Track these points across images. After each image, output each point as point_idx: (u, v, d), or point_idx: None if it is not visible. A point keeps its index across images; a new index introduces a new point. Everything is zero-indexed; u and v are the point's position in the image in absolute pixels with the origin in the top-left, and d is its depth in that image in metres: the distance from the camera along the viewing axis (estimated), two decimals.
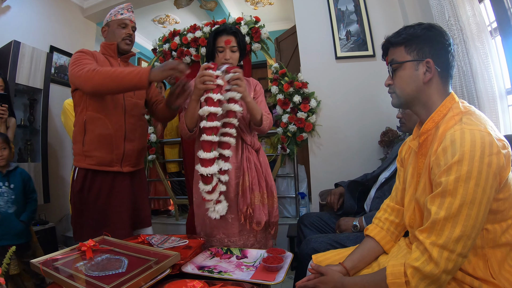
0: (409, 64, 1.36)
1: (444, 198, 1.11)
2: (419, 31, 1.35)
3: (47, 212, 4.09)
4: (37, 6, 4.43)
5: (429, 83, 1.34)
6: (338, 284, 1.36)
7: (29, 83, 3.89)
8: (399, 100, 1.43)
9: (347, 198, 2.47)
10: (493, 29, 2.56)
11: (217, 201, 2.15)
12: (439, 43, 1.33)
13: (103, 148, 2.33)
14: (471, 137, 1.10)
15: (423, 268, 1.08)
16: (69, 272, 1.48)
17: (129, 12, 2.50)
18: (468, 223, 1.06)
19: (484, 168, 1.06)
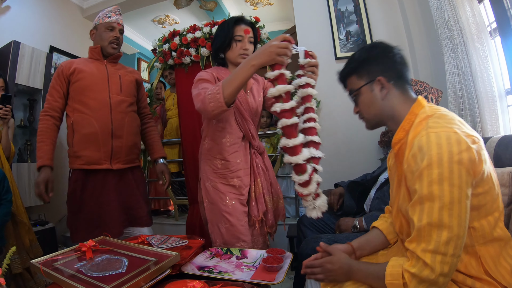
0: (364, 88, 1.43)
1: (423, 204, 1.11)
2: (363, 55, 1.44)
3: (47, 213, 4.10)
4: (37, 6, 4.44)
5: (388, 98, 1.39)
6: (345, 265, 1.37)
7: (28, 83, 3.90)
8: (369, 123, 1.51)
9: (346, 199, 2.47)
10: (493, 29, 2.57)
11: (315, 195, 1.83)
12: (383, 58, 1.40)
13: (90, 147, 2.39)
14: (436, 139, 1.11)
15: (420, 274, 1.09)
16: (69, 273, 1.48)
17: (116, 15, 2.57)
18: (453, 223, 1.06)
19: (455, 167, 1.07)
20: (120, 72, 2.60)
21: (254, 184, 2.25)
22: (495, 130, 2.34)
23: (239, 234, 2.13)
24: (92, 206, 2.40)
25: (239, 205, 2.18)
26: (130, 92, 2.62)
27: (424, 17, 3.32)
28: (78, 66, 2.45)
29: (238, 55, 2.18)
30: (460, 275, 1.19)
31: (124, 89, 2.57)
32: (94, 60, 2.53)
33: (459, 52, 2.47)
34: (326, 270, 1.40)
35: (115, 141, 2.44)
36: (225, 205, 2.15)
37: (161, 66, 4.31)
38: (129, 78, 2.64)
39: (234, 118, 2.19)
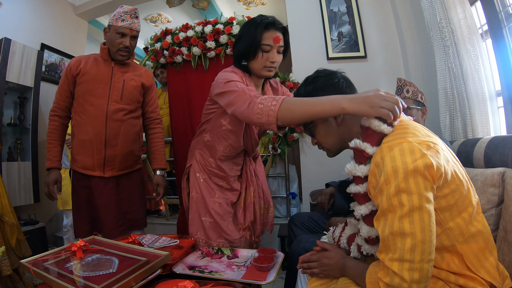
0: (317, 120, 1.45)
1: (386, 216, 1.12)
2: (309, 88, 1.47)
3: (37, 212, 4.07)
4: (28, 3, 4.40)
5: (343, 123, 1.42)
6: (340, 261, 1.39)
7: (19, 81, 3.86)
8: (331, 152, 1.58)
9: (337, 198, 2.47)
10: (484, 31, 2.58)
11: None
12: (329, 87, 1.43)
13: (84, 153, 2.43)
14: (390, 154, 1.12)
15: (391, 283, 1.08)
16: (59, 273, 1.47)
17: (131, 19, 2.42)
18: (415, 229, 1.06)
19: (410, 176, 1.07)
20: (126, 76, 2.52)
21: (246, 192, 2.25)
22: (486, 131, 2.36)
23: (221, 232, 2.15)
24: (90, 205, 2.45)
25: (225, 205, 2.19)
26: (132, 99, 2.55)
27: (416, 18, 3.33)
28: (84, 68, 2.42)
29: (263, 67, 1.92)
30: (443, 272, 1.20)
31: (125, 96, 2.50)
32: (103, 60, 2.49)
33: (451, 54, 2.48)
34: (323, 264, 1.42)
35: (108, 150, 2.43)
36: (213, 201, 2.16)
37: (153, 64, 4.30)
38: (134, 83, 2.55)
39: (243, 134, 2.08)
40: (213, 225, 2.14)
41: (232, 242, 2.16)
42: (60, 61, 4.81)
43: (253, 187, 2.27)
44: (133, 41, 2.48)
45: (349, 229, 1.54)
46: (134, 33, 2.44)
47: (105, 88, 2.43)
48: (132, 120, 2.56)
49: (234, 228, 2.19)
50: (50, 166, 2.43)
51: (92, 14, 5.39)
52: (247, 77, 1.97)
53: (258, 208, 2.30)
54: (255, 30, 1.85)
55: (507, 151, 1.68)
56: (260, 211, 2.32)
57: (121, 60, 2.48)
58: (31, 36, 4.38)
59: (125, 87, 2.50)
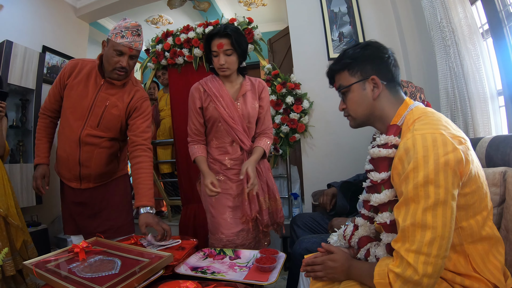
0: (356, 85, 1.42)
1: (408, 205, 1.12)
2: (358, 53, 1.41)
3: (39, 214, 4.07)
4: (29, 5, 4.40)
5: (379, 98, 1.39)
6: (346, 263, 1.38)
7: (21, 83, 3.87)
8: (355, 121, 1.52)
9: (339, 199, 2.47)
10: (485, 31, 2.58)
11: None
12: (378, 59, 1.39)
13: (62, 166, 2.45)
14: (422, 142, 1.11)
15: (403, 274, 1.08)
16: (62, 274, 1.48)
17: (132, 36, 2.18)
18: (437, 224, 1.06)
19: (440, 168, 1.07)
20: (110, 102, 2.34)
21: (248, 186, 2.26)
22: (487, 131, 2.36)
23: (218, 226, 2.29)
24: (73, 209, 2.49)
25: (223, 199, 2.31)
26: (110, 127, 2.38)
27: (416, 18, 3.33)
28: (73, 80, 2.31)
29: (218, 69, 2.29)
30: (449, 273, 1.20)
31: (103, 124, 2.34)
32: (93, 76, 2.32)
33: (451, 54, 2.48)
34: (327, 267, 1.40)
35: (83, 169, 2.38)
36: (209, 197, 2.30)
37: (154, 66, 4.30)
38: (116, 111, 2.36)
39: (220, 124, 2.33)
40: (212, 220, 2.35)
41: (228, 236, 2.26)
42: (61, 63, 4.81)
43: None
44: (132, 61, 2.28)
45: (362, 229, 1.53)
46: (134, 52, 2.23)
47: (85, 109, 2.31)
48: (107, 142, 2.42)
49: (233, 222, 2.29)
50: (38, 162, 2.45)
51: (93, 16, 5.40)
52: (213, 82, 2.37)
53: (263, 200, 2.36)
54: (205, 42, 2.30)
55: (509, 150, 1.67)
56: (265, 203, 2.38)
57: (116, 79, 2.30)
58: (32, 38, 4.38)
59: (104, 115, 2.34)
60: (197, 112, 2.37)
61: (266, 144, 2.37)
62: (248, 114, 2.33)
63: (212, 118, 2.33)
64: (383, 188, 1.31)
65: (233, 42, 2.21)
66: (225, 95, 2.31)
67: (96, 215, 2.45)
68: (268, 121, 2.46)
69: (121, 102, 2.38)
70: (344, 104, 1.51)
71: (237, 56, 2.27)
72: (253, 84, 2.43)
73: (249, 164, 2.19)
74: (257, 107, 2.39)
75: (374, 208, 1.45)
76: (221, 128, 2.33)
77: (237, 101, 2.34)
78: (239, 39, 2.25)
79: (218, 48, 2.21)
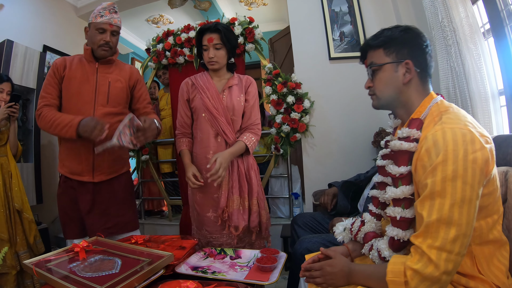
0: (389, 66, 1.38)
1: (434, 200, 1.10)
2: (397, 34, 1.37)
3: (40, 213, 4.07)
4: (30, 5, 4.40)
5: (409, 84, 1.36)
6: (345, 268, 1.35)
7: (22, 82, 3.86)
8: (379, 102, 1.46)
9: (340, 198, 2.47)
10: (486, 30, 2.58)
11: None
12: (417, 45, 1.36)
13: (72, 159, 2.38)
14: (452, 136, 1.10)
15: (423, 271, 1.07)
16: (62, 273, 1.48)
17: (110, 14, 2.35)
18: (462, 221, 1.06)
19: (469, 165, 1.06)
20: (111, 78, 2.44)
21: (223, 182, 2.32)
22: (488, 130, 2.35)
23: (202, 223, 2.38)
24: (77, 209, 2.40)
25: (205, 197, 2.37)
26: (119, 101, 2.48)
27: (418, 18, 3.33)
28: (70, 70, 2.36)
29: (208, 63, 2.38)
30: (455, 275, 1.19)
31: (112, 99, 2.42)
32: (87, 62, 2.41)
33: (453, 53, 2.47)
34: (326, 273, 1.38)
35: (97, 155, 2.35)
36: (194, 194, 2.41)
37: (155, 66, 4.31)
38: (120, 84, 2.48)
39: (204, 115, 2.38)
40: (197, 218, 2.43)
41: (212, 233, 2.34)
42: None
43: (229, 176, 2.35)
44: (114, 37, 2.41)
45: (368, 225, 1.53)
46: (114, 28, 2.37)
47: (90, 92, 2.36)
48: (118, 117, 2.41)
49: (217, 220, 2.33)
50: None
51: None
52: (203, 77, 2.46)
53: (236, 199, 2.34)
54: (197, 37, 2.42)
55: (510, 150, 1.67)
56: (238, 203, 2.35)
57: (103, 56, 2.39)
58: (33, 38, 4.38)
59: (111, 90, 2.43)
60: (185, 104, 2.48)
61: (250, 139, 2.36)
62: (233, 106, 2.36)
63: (197, 108, 2.41)
64: (400, 183, 1.29)
65: (222, 37, 2.32)
66: (211, 87, 2.39)
67: (105, 211, 2.43)
68: (255, 116, 2.46)
69: (121, 76, 2.50)
70: (371, 82, 1.47)
71: (226, 51, 2.37)
72: (240, 79, 2.51)
73: (220, 154, 2.19)
74: (243, 101, 2.43)
75: (382, 205, 1.44)
76: (205, 119, 2.37)
77: (223, 94, 2.39)
78: (229, 35, 2.36)
79: (208, 43, 2.32)
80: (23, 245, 2.95)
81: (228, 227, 2.32)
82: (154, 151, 4.75)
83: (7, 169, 3.01)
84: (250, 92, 2.47)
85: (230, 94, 2.40)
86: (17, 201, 2.97)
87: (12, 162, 3.08)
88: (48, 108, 2.29)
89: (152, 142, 4.53)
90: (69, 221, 2.42)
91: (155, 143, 4.69)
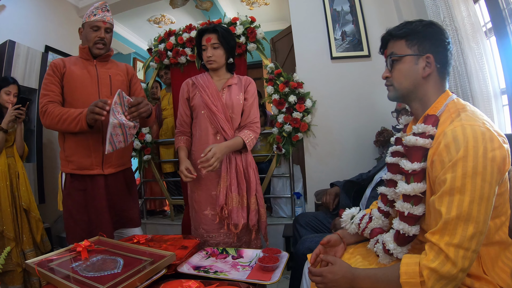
0: (409, 58, 1.37)
1: (453, 196, 1.09)
2: (420, 27, 1.36)
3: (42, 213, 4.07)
4: (32, 5, 4.41)
5: (428, 78, 1.35)
6: (348, 274, 1.33)
7: (24, 83, 3.86)
8: (396, 93, 1.44)
9: (342, 198, 2.47)
10: (488, 29, 2.57)
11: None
12: (439, 40, 1.35)
13: (81, 152, 2.37)
14: (472, 132, 1.10)
15: (440, 269, 1.07)
16: (64, 273, 1.48)
17: (103, 12, 2.44)
18: (480, 219, 1.06)
19: (488, 163, 1.06)
20: (111, 72, 2.52)
21: (221, 178, 2.35)
22: None
23: (199, 221, 2.41)
24: (85, 209, 2.39)
25: (203, 194, 2.40)
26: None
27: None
28: (69, 68, 2.39)
29: (206, 62, 2.47)
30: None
31: (115, 91, 2.34)
32: (84, 60, 2.47)
33: (455, 52, 2.47)
34: (328, 281, 1.36)
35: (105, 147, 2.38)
36: (193, 191, 2.44)
37: (157, 65, 4.32)
38: (120, 77, 2.56)
39: (204, 113, 2.42)
40: (194, 216, 2.46)
41: (209, 232, 2.38)
42: None
43: (226, 173, 2.36)
44: (108, 34, 2.49)
45: (375, 222, 1.53)
46: (108, 25, 2.46)
47: (93, 86, 2.41)
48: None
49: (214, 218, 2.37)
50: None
51: None
52: (203, 77, 2.51)
53: (235, 196, 2.35)
54: (196, 38, 2.53)
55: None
56: (237, 200, 2.36)
57: (100, 54, 2.46)
58: (35, 38, 4.39)
59: (113, 82, 2.50)
60: (185, 103, 2.54)
61: (247, 136, 2.38)
62: (232, 104, 2.41)
63: (196, 106, 2.46)
64: (412, 180, 1.29)
65: (219, 37, 2.40)
66: (211, 85, 2.45)
67: (114, 205, 2.46)
68: (254, 115, 2.49)
69: (119, 70, 2.58)
70: (389, 72, 1.45)
71: (224, 51, 2.45)
72: (240, 79, 2.56)
73: (216, 145, 2.20)
74: (242, 99, 2.47)
75: (390, 202, 1.44)
76: (205, 116, 2.41)
77: (222, 92, 2.45)
78: (226, 35, 2.44)
79: (207, 42, 2.41)
80: (29, 243, 3.02)
81: (227, 225, 2.34)
82: (156, 150, 4.76)
83: (14, 169, 3.10)
84: (249, 91, 2.51)
85: (230, 92, 2.45)
86: (24, 200, 3.06)
87: (19, 162, 3.17)
88: (53, 104, 2.30)
89: (154, 142, 4.53)
90: (74, 225, 2.38)
91: (157, 143, 4.70)
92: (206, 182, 2.38)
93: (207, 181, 2.38)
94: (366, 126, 3.59)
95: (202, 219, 2.40)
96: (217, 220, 2.33)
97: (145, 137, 4.31)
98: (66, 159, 2.40)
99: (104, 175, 2.41)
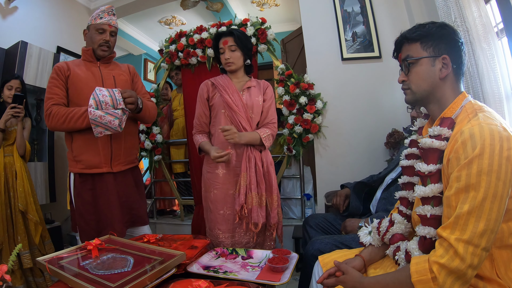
0: (426, 60, 1.36)
1: (468, 193, 1.09)
2: (434, 29, 1.36)
3: (53, 211, 4.11)
4: (44, 7, 4.45)
5: (445, 80, 1.35)
6: (357, 284, 1.33)
7: (36, 83, 3.90)
8: (414, 96, 1.42)
9: (353, 199, 2.46)
10: (500, 30, 2.55)
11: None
12: (453, 41, 1.35)
13: (89, 151, 2.38)
14: (490, 131, 1.10)
15: (449, 265, 1.07)
16: (74, 271, 1.49)
17: (109, 16, 2.48)
18: (491, 216, 1.05)
19: (503, 162, 1.06)
20: (114, 73, 2.57)
21: (240, 177, 2.36)
22: None
23: (215, 221, 2.42)
24: (96, 208, 2.40)
25: (220, 194, 2.42)
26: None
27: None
28: (73, 70, 2.43)
29: (224, 64, 2.53)
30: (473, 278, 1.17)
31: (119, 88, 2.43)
32: (88, 62, 2.52)
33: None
34: None
35: (114, 144, 2.43)
36: (209, 191, 2.46)
37: (168, 66, 4.33)
38: (124, 77, 2.62)
39: (224, 112, 2.48)
40: (210, 216, 2.48)
41: (224, 232, 2.40)
42: None
43: (246, 172, 2.37)
44: (113, 38, 2.53)
45: (397, 227, 1.51)
46: (113, 28, 2.51)
47: (98, 84, 2.43)
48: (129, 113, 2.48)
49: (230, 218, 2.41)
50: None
51: None
52: (222, 78, 2.56)
53: (255, 196, 2.36)
54: (213, 43, 2.58)
55: None
56: (257, 199, 2.37)
57: (103, 56, 2.52)
58: (47, 39, 4.43)
59: (117, 82, 2.54)
60: (204, 103, 2.57)
61: (265, 132, 2.44)
62: (252, 105, 2.47)
63: (216, 106, 2.51)
64: (429, 182, 1.28)
65: (236, 39, 2.46)
66: (231, 86, 2.50)
67: (122, 205, 2.46)
68: (271, 115, 2.56)
69: (122, 71, 2.65)
70: (405, 76, 1.44)
71: (241, 53, 2.51)
72: (258, 83, 2.63)
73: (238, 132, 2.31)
74: (261, 101, 2.53)
75: (411, 205, 1.44)
76: (225, 115, 2.47)
77: (242, 93, 2.50)
78: (242, 38, 2.50)
79: (224, 45, 2.47)
80: (24, 245, 2.95)
81: (246, 224, 2.35)
82: (167, 151, 4.78)
83: (11, 168, 3.06)
84: (267, 93, 2.58)
85: (250, 94, 2.50)
86: (21, 202, 2.99)
87: (18, 162, 3.11)
88: (57, 106, 2.33)
89: (165, 142, 4.55)
90: (85, 225, 2.40)
91: (168, 143, 4.72)
92: (224, 181, 2.41)
93: (224, 179, 2.41)
94: (377, 127, 3.58)
95: (218, 219, 2.41)
96: (237, 219, 2.35)
97: (156, 138, 4.32)
98: (74, 159, 2.41)
99: (113, 173, 2.43)
